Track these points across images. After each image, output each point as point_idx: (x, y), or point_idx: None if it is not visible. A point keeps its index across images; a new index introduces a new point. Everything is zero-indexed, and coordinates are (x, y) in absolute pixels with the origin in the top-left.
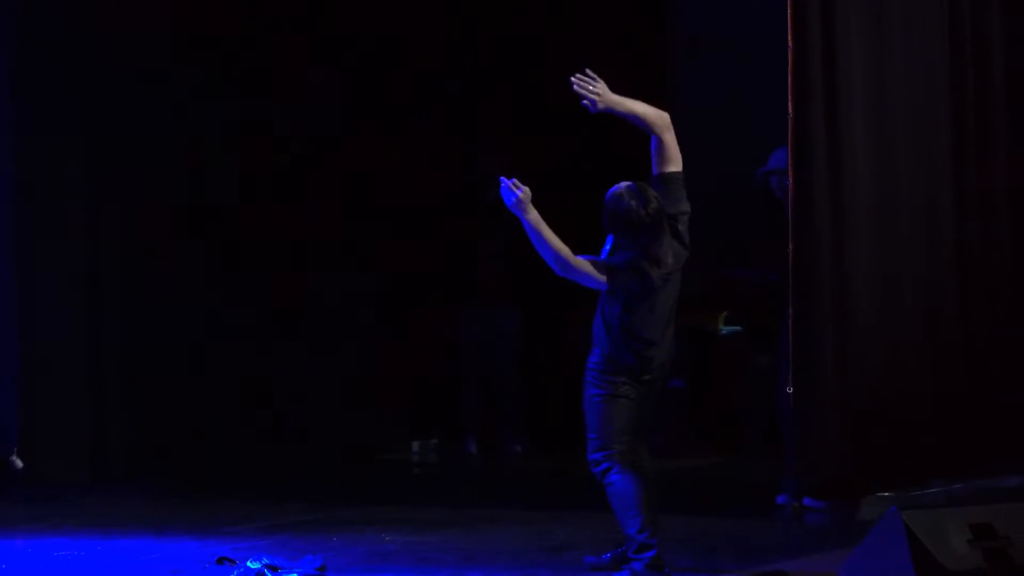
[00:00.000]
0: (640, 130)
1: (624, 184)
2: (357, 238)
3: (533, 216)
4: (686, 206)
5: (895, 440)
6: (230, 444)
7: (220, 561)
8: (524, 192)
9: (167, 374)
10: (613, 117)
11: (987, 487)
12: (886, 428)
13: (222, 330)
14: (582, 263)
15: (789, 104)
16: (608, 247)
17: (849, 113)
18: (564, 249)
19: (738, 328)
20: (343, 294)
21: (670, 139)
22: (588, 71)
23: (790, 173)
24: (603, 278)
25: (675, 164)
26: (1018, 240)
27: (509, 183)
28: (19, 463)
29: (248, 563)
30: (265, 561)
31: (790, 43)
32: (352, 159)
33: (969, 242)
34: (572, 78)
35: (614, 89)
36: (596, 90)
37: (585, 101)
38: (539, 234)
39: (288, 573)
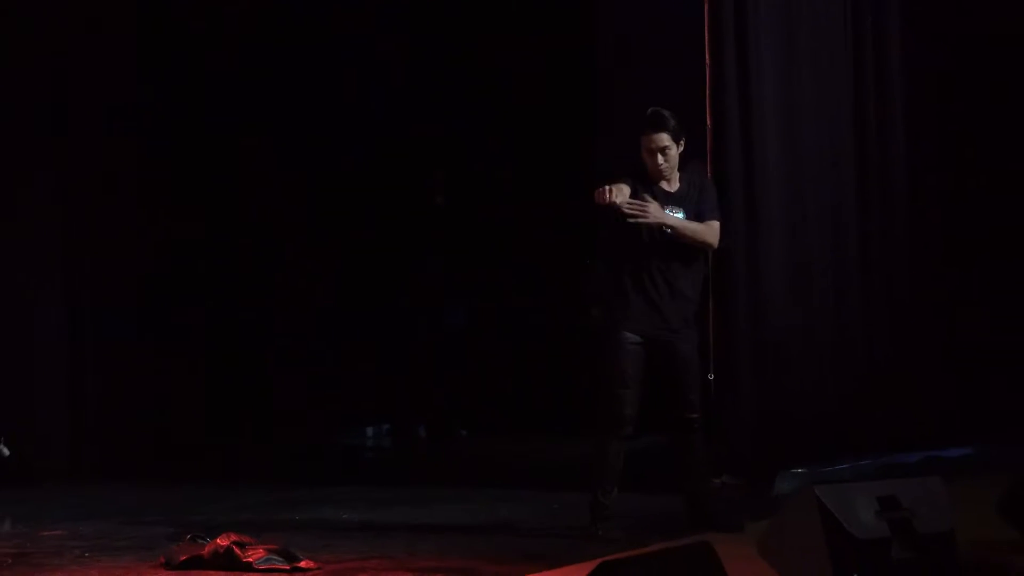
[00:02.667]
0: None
1: None
2: (319, 238)
3: (670, 220)
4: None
5: (807, 420)
6: (196, 434)
7: (192, 539)
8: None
9: (138, 367)
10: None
11: (892, 463)
12: (799, 409)
13: (187, 326)
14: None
15: (708, 118)
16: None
17: (762, 126)
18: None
19: None
20: (305, 291)
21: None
22: (644, 197)
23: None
24: None
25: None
26: (914, 231)
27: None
28: (6, 451)
29: (218, 540)
30: (233, 539)
31: (707, 58)
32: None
33: (870, 233)
34: (615, 201)
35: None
36: (645, 211)
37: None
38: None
39: (254, 547)
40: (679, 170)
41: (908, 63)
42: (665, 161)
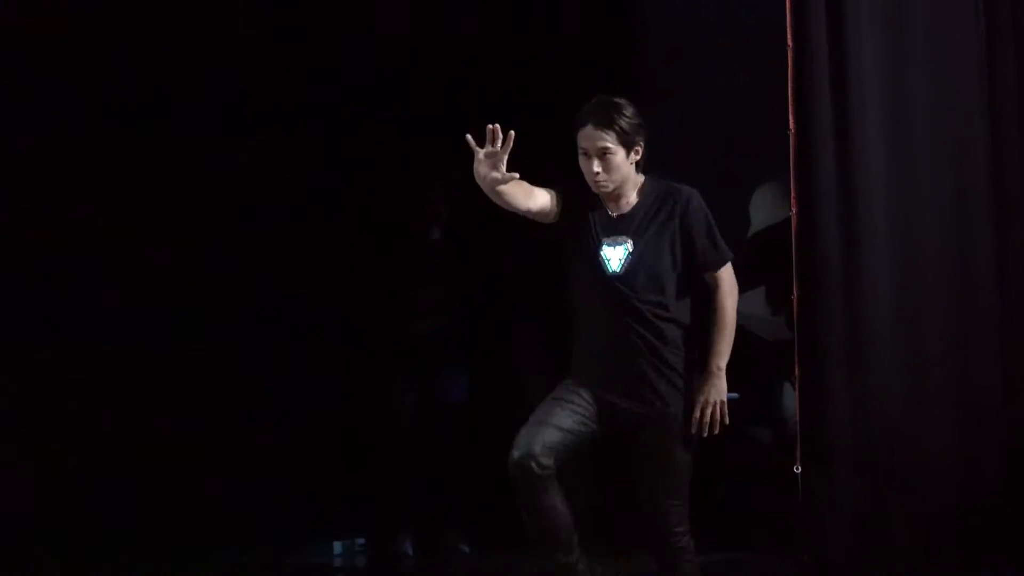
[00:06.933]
0: None
1: None
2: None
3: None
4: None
5: (921, 526)
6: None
7: None
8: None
9: None
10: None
11: None
12: (912, 512)
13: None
14: None
15: (790, 120)
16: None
17: (862, 128)
18: None
19: (735, 395)
20: (259, 359)
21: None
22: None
23: (793, 206)
24: None
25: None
26: None
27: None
28: None
29: None
30: None
31: (789, 42)
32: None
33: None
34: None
35: None
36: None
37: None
38: None
39: None
40: (641, 185)
41: None
42: (603, 171)
